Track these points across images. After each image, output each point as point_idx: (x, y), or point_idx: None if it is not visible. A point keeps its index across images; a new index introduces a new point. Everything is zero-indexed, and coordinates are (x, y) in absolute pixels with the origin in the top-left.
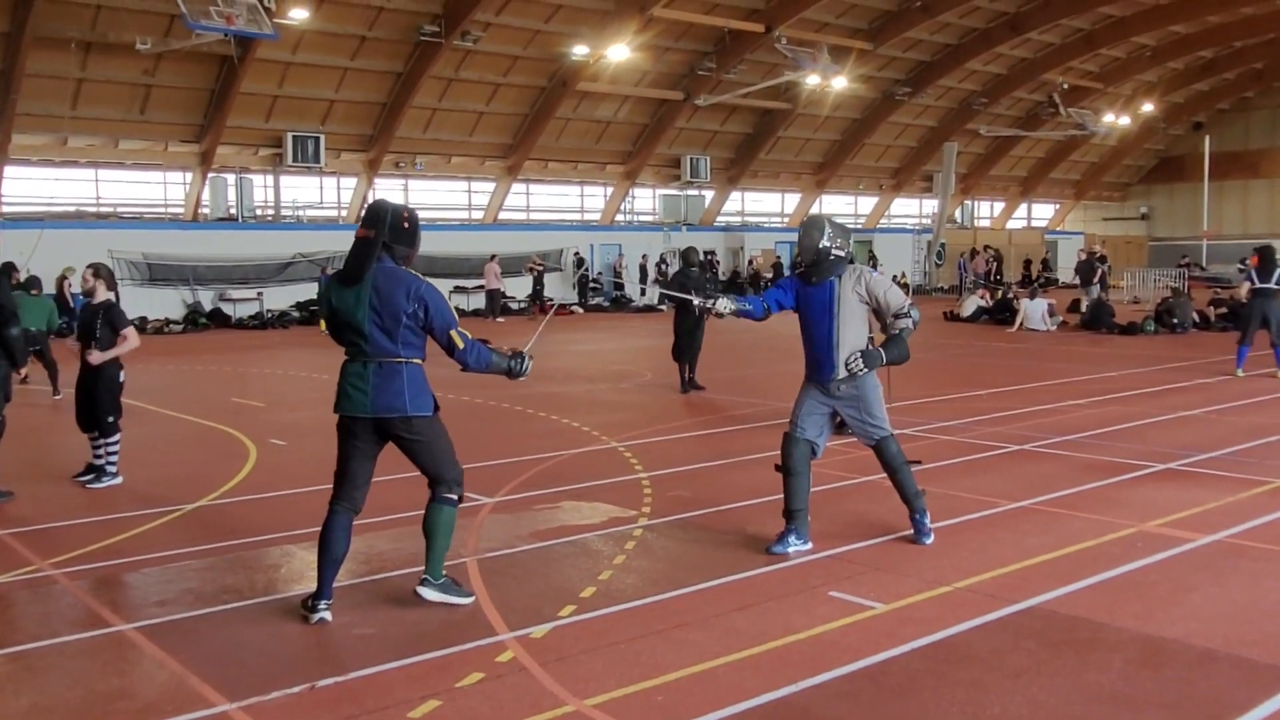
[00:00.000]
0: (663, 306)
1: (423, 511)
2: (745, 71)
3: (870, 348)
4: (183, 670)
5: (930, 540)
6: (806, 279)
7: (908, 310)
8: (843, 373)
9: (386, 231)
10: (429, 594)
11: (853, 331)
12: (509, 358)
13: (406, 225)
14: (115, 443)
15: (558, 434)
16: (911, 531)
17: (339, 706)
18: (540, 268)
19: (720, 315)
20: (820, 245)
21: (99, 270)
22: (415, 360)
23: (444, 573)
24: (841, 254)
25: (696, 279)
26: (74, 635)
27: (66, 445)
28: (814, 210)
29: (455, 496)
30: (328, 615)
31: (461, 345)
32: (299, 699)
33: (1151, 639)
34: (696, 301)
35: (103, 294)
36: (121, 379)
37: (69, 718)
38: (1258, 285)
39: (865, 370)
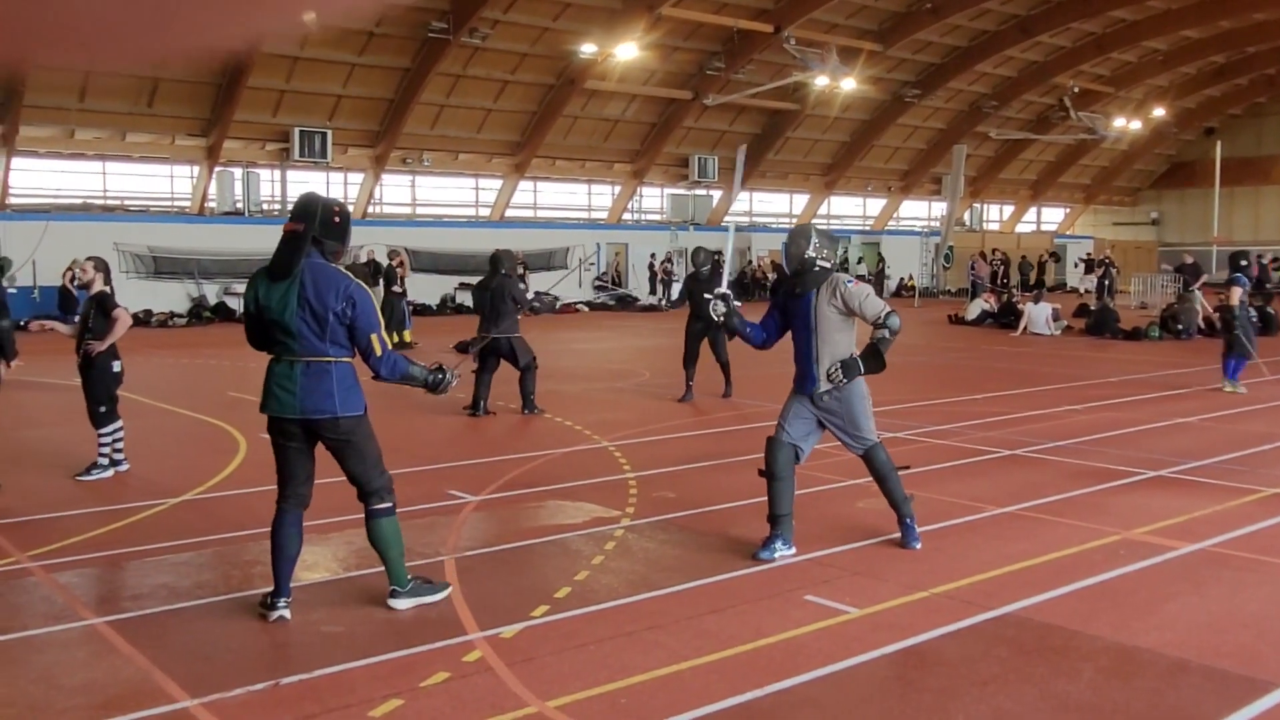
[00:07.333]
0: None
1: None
2: (754, 71)
3: (850, 357)
4: (149, 665)
5: (918, 545)
6: (791, 290)
7: (885, 320)
8: (824, 385)
9: (317, 226)
10: (401, 604)
11: (832, 343)
12: (430, 370)
13: (338, 220)
14: (113, 432)
15: (548, 432)
16: (900, 536)
17: (301, 704)
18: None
19: (719, 321)
20: (806, 255)
21: (98, 264)
22: (345, 359)
23: (409, 576)
24: (826, 265)
25: (707, 281)
26: (44, 629)
27: (55, 437)
28: (822, 211)
29: (389, 504)
30: (286, 613)
31: (379, 353)
32: (261, 696)
33: (1124, 648)
34: (717, 296)
35: (99, 286)
36: (116, 369)
37: (27, 712)
38: None
39: (845, 381)
